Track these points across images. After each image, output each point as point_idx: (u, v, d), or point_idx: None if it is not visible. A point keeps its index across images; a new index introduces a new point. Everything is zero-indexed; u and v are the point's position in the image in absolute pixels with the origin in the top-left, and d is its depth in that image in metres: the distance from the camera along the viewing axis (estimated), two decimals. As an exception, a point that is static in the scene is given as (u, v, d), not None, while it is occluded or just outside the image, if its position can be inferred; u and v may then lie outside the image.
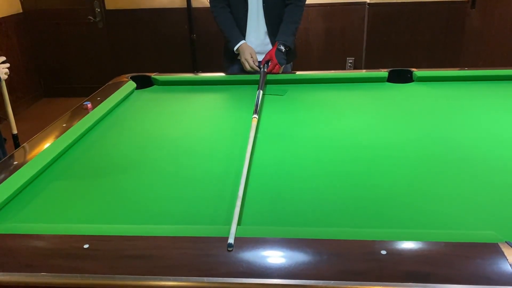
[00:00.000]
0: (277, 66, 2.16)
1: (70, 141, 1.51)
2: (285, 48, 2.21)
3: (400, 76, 2.16)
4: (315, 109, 1.84)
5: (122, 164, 1.40)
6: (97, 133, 1.66)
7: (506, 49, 4.19)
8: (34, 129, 4.33)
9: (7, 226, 1.05)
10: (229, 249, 0.91)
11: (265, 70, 2.13)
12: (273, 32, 2.30)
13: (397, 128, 1.61)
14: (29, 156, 1.38)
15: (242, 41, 2.27)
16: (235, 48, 2.28)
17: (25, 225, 1.06)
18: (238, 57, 2.33)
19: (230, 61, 2.43)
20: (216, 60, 4.47)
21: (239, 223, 1.03)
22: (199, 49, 4.46)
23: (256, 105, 1.69)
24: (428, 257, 0.88)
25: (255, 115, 1.60)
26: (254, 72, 2.23)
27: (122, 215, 1.11)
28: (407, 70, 2.17)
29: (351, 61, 4.55)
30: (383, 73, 2.14)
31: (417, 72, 2.13)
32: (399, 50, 4.41)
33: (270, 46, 2.31)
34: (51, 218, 1.12)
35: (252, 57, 2.23)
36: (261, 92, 1.86)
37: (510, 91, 1.96)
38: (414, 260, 0.87)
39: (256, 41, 2.32)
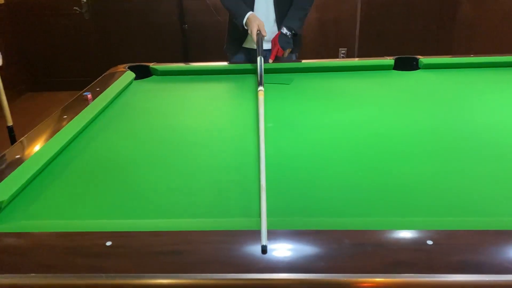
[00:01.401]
0: (280, 50, 2.10)
1: (74, 133, 1.42)
2: (290, 32, 2.14)
3: (406, 64, 2.12)
4: (324, 97, 1.79)
5: (132, 156, 1.33)
6: (101, 124, 1.57)
7: (497, 38, 4.20)
8: (20, 124, 4.18)
9: (19, 224, 0.97)
10: (264, 248, 0.85)
11: (261, 33, 2.04)
12: (282, 20, 2.22)
13: (411, 115, 1.56)
14: (32, 149, 1.30)
15: (249, 13, 2.09)
16: (244, 22, 2.12)
17: (38, 222, 0.98)
18: (243, 45, 2.25)
19: (235, 48, 2.35)
20: (209, 51, 4.40)
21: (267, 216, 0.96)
22: (191, 39, 4.36)
23: (260, 76, 1.58)
24: (478, 246, 0.84)
25: (261, 87, 1.49)
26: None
27: (142, 209, 1.04)
28: (413, 57, 2.13)
29: (343, 51, 4.51)
30: (390, 60, 2.10)
31: (424, 60, 2.10)
32: (392, 39, 4.39)
33: None
34: (63, 214, 1.04)
35: (258, 30, 2.05)
36: (262, 58, 1.76)
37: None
38: (463, 250, 0.83)
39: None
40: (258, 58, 1.78)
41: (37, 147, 1.31)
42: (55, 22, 4.57)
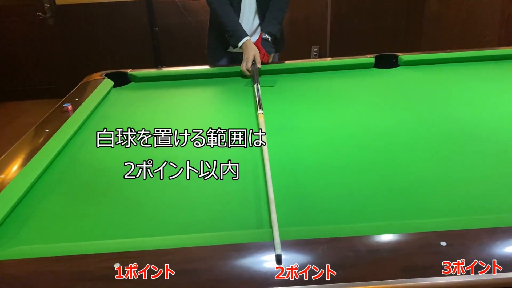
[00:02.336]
0: (266, 55, 2.09)
1: (58, 147, 1.36)
2: (270, 37, 2.14)
3: (386, 61, 2.14)
4: (311, 99, 1.78)
5: (125, 169, 1.27)
6: (85, 137, 1.50)
7: (462, 32, 4.32)
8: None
9: (12, 251, 0.91)
10: (278, 257, 0.83)
11: (255, 64, 2.03)
12: (264, 16, 2.21)
13: (401, 113, 1.58)
14: (16, 168, 1.22)
15: (247, 38, 2.11)
16: (239, 45, 2.12)
17: (34, 247, 0.92)
18: (228, 49, 2.23)
19: (219, 54, 2.32)
20: (181, 54, 4.32)
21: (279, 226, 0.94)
22: (162, 42, 4.27)
23: (259, 100, 1.61)
24: (492, 245, 0.84)
25: (260, 111, 1.52)
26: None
27: (146, 226, 0.99)
28: (393, 55, 2.16)
29: (316, 49, 4.53)
30: (370, 59, 2.12)
31: (403, 57, 2.13)
32: (362, 36, 4.45)
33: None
34: (60, 237, 0.98)
35: (253, 59, 2.03)
36: (259, 86, 1.77)
37: (491, 70, 1.99)
38: (478, 249, 0.83)
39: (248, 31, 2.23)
40: (255, 86, 1.79)
41: (21, 165, 1.24)
42: (17, 28, 4.38)
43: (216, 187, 1.14)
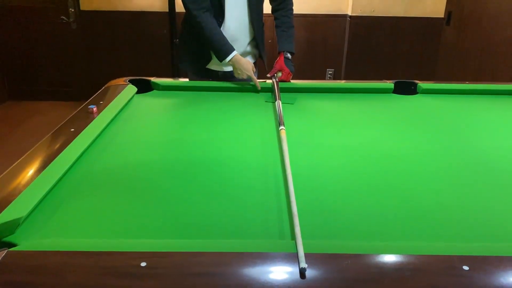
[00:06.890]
0: (289, 74, 2.13)
1: (84, 146, 1.38)
2: (291, 55, 2.19)
3: (404, 88, 2.17)
4: (331, 118, 1.81)
5: (155, 174, 1.30)
6: (110, 137, 1.53)
7: (477, 64, 4.37)
8: (1, 133, 4.03)
9: (43, 243, 0.93)
10: (303, 271, 0.84)
11: (277, 79, 2.09)
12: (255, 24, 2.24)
13: (420, 139, 1.60)
14: (44, 162, 1.25)
15: (235, 52, 2.10)
16: (227, 60, 2.09)
17: (62, 241, 0.94)
18: (208, 66, 2.28)
19: (197, 69, 2.32)
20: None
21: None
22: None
23: (280, 116, 1.64)
24: (513, 272, 0.86)
25: (282, 127, 1.54)
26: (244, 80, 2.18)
27: (174, 229, 1.01)
28: (412, 82, 2.19)
29: (331, 72, 4.59)
30: (389, 84, 2.15)
31: (422, 84, 2.16)
32: (377, 62, 4.50)
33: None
34: (89, 232, 1.00)
35: (275, 75, 2.13)
36: (280, 102, 1.80)
37: (507, 105, 2.02)
38: (500, 275, 0.85)
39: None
40: (276, 102, 1.83)
41: (48, 160, 1.26)
42: (40, 30, 4.48)
43: (241, 196, 1.16)
